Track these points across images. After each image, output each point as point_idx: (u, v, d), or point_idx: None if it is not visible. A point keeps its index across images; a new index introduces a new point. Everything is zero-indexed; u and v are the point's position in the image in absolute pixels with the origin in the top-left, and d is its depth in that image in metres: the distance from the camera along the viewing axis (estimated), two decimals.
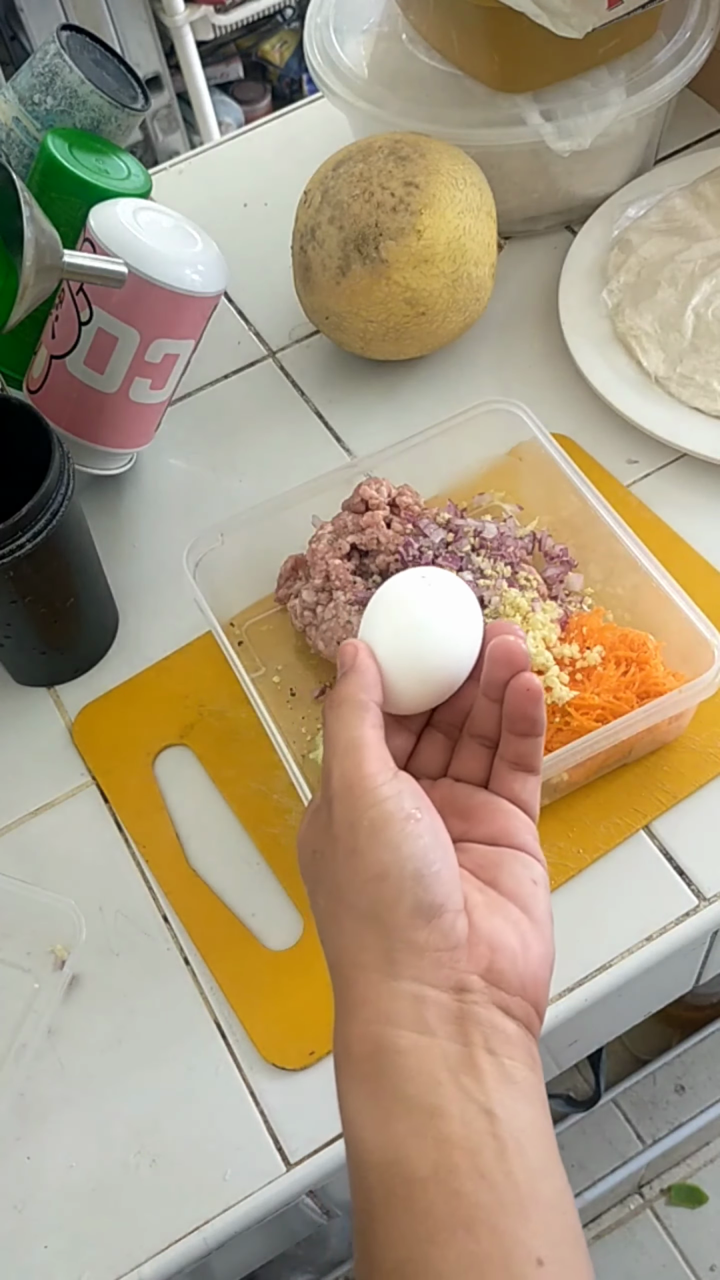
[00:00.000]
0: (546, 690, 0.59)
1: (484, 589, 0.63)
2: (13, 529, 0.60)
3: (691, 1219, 1.32)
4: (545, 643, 0.62)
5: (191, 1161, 0.57)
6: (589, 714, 0.59)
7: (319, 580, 0.66)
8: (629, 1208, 1.34)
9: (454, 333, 0.79)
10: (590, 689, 0.60)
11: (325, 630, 0.65)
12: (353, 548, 0.66)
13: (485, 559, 0.65)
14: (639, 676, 0.60)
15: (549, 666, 0.61)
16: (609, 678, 0.60)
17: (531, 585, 0.65)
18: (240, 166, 0.99)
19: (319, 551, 0.66)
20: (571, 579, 0.67)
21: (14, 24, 1.94)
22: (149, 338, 0.69)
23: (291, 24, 2.21)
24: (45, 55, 0.74)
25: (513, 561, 0.66)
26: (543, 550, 0.68)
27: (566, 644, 0.62)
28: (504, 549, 0.66)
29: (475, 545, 0.66)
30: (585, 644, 0.62)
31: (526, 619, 0.63)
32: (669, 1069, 1.39)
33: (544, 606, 0.64)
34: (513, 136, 0.79)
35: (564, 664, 0.61)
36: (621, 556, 0.64)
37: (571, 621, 0.63)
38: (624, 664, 0.61)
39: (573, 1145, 1.35)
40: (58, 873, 0.65)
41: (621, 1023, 0.87)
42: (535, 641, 0.61)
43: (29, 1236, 0.56)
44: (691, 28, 0.81)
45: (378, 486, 0.67)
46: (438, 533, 0.66)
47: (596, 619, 0.63)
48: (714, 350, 0.76)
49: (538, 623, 0.62)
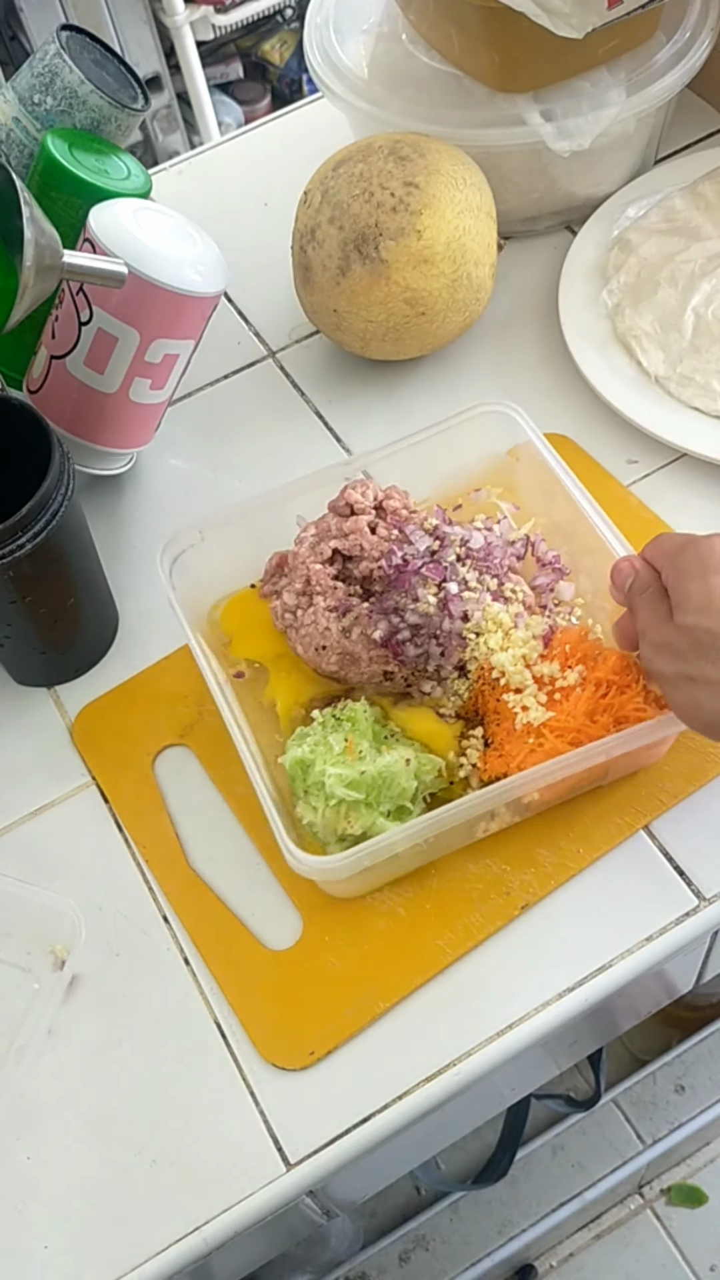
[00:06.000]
0: (523, 709, 0.59)
1: (468, 602, 0.62)
2: (13, 529, 0.60)
3: (691, 1219, 1.32)
4: (525, 660, 0.60)
5: (191, 1161, 0.57)
6: (562, 736, 0.57)
7: (299, 584, 0.64)
8: (629, 1208, 1.34)
9: (454, 333, 0.79)
10: (566, 710, 0.58)
11: (304, 635, 0.63)
12: (335, 552, 0.64)
13: (470, 570, 0.63)
14: (617, 701, 0.58)
15: (527, 685, 0.60)
16: (586, 700, 0.58)
17: (517, 598, 0.63)
18: (240, 166, 0.99)
19: (300, 555, 0.65)
20: (562, 588, 0.65)
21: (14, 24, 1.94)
22: (149, 338, 0.69)
23: (291, 24, 2.20)
24: (45, 55, 0.74)
25: (499, 573, 0.64)
26: (535, 555, 0.67)
27: (547, 661, 0.60)
28: (490, 560, 0.64)
29: (461, 555, 0.64)
30: (567, 663, 0.60)
31: (508, 635, 0.61)
32: (669, 1069, 1.39)
33: (528, 622, 0.62)
34: (513, 136, 0.79)
35: (542, 683, 0.60)
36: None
37: (555, 637, 0.62)
38: (604, 687, 0.59)
39: (573, 1145, 1.35)
40: (58, 873, 0.65)
41: (621, 1023, 0.87)
42: (514, 660, 0.60)
43: (29, 1236, 0.56)
44: (691, 28, 0.81)
45: (363, 490, 0.65)
46: (423, 540, 0.63)
47: (581, 636, 0.61)
48: (714, 350, 0.76)
49: (518, 640, 0.61)
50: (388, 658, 0.62)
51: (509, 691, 0.60)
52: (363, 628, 0.62)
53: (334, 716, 0.62)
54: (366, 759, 0.59)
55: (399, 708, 0.64)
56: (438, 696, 0.63)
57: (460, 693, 0.63)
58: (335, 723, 0.62)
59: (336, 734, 0.61)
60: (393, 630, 0.62)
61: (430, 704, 0.63)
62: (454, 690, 0.63)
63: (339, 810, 0.58)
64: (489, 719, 0.62)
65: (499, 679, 0.60)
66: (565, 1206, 1.31)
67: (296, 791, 0.61)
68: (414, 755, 0.60)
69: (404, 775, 0.59)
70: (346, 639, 0.62)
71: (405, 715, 0.63)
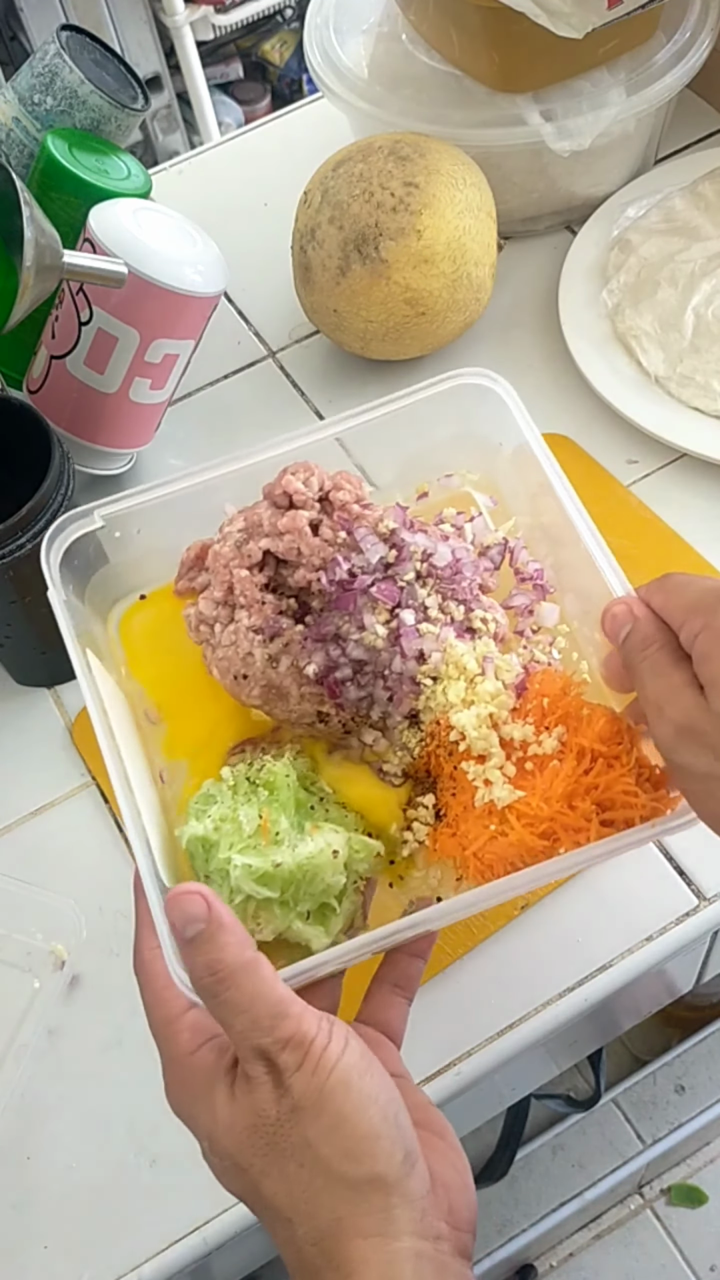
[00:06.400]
0: (485, 784, 0.48)
1: (425, 637, 0.50)
2: (13, 529, 0.60)
3: (691, 1219, 1.32)
4: (492, 720, 0.49)
5: (191, 1161, 0.56)
6: (532, 826, 0.46)
7: (219, 592, 0.52)
8: (629, 1208, 1.34)
9: (454, 333, 0.79)
10: (540, 791, 0.46)
11: (221, 658, 0.51)
12: (266, 554, 0.52)
13: (432, 594, 0.51)
14: (603, 779, 0.46)
15: (492, 753, 0.48)
16: (565, 778, 0.46)
17: (487, 630, 0.51)
18: (240, 166, 0.99)
19: (222, 555, 0.52)
20: (544, 611, 0.54)
21: (14, 24, 1.94)
22: (149, 338, 0.69)
23: (291, 24, 2.21)
24: (45, 55, 0.74)
25: (466, 598, 0.52)
26: (513, 565, 0.55)
27: (519, 720, 0.48)
28: (457, 582, 0.52)
29: (421, 572, 0.52)
30: (543, 723, 0.48)
31: (472, 685, 0.49)
32: (669, 1069, 1.39)
33: (498, 665, 0.50)
34: (513, 136, 0.79)
35: (511, 749, 0.48)
36: (605, 593, 0.49)
37: (531, 684, 0.50)
38: (587, 759, 0.47)
39: (573, 1145, 1.35)
40: (58, 873, 0.65)
41: (622, 1023, 0.87)
42: (478, 722, 0.48)
43: (29, 1236, 0.56)
44: (691, 28, 0.81)
45: (305, 476, 0.52)
46: (377, 549, 0.51)
47: (563, 690, 0.49)
48: (714, 350, 0.76)
49: (484, 694, 0.49)
50: (323, 697, 0.51)
51: (469, 759, 0.49)
52: (294, 657, 0.51)
53: (248, 779, 0.50)
54: (284, 844, 0.47)
55: (333, 759, 0.52)
56: (381, 749, 0.52)
57: (410, 747, 0.51)
58: (249, 788, 0.49)
59: (249, 806, 0.48)
60: (331, 665, 0.50)
61: (372, 758, 0.52)
62: (402, 743, 0.51)
63: (245, 909, 0.47)
64: (443, 785, 0.51)
65: (457, 742, 0.49)
66: (565, 1206, 1.31)
67: (195, 873, 0.49)
68: (344, 842, 0.48)
69: (330, 869, 0.47)
70: (273, 669, 0.51)
71: (340, 775, 0.52)
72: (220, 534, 0.54)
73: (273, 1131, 0.38)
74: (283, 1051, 0.38)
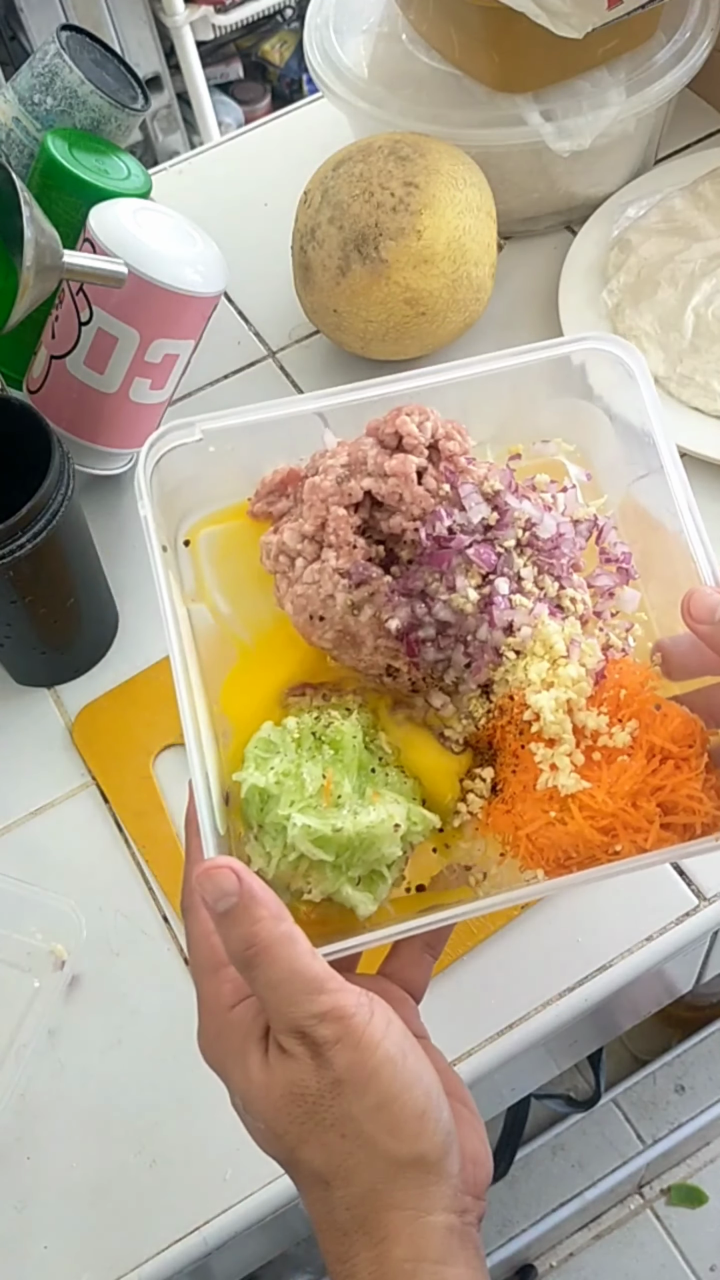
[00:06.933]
0: (552, 769, 0.46)
1: (517, 609, 0.48)
2: (13, 529, 0.60)
3: (691, 1219, 1.33)
4: (569, 706, 0.47)
5: (191, 1161, 0.57)
6: (593, 819, 0.45)
7: (310, 525, 0.49)
8: (629, 1208, 1.34)
9: (454, 333, 0.79)
10: (606, 785, 0.45)
11: (299, 594, 0.48)
12: (367, 495, 0.49)
13: (529, 565, 0.49)
14: (671, 780, 0.45)
15: (564, 739, 0.46)
16: (633, 775, 0.45)
17: (575, 610, 0.49)
18: (240, 166, 0.99)
19: (321, 488, 0.49)
20: (625, 596, 0.51)
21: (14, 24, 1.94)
22: (149, 338, 0.69)
23: (291, 24, 2.21)
24: (45, 55, 0.74)
25: (561, 574, 0.49)
26: (600, 545, 0.52)
27: (594, 708, 0.47)
28: (557, 557, 0.49)
29: (522, 541, 0.49)
30: (618, 715, 0.46)
31: (555, 666, 0.47)
32: (669, 1069, 1.39)
33: (583, 649, 0.48)
34: (513, 136, 0.79)
35: (583, 736, 0.46)
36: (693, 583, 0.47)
37: (610, 674, 0.48)
38: (657, 757, 0.45)
39: (573, 1145, 1.35)
40: (58, 873, 0.65)
41: (622, 1022, 0.87)
42: (556, 706, 0.46)
43: (29, 1236, 0.56)
44: (691, 28, 0.81)
45: (421, 420, 0.49)
46: (480, 508, 0.48)
47: (642, 682, 0.47)
48: (714, 350, 0.76)
49: (566, 678, 0.47)
50: (398, 652, 0.49)
51: (539, 740, 0.47)
52: (377, 609, 0.48)
53: (313, 734, 0.48)
54: (345, 809, 0.46)
55: (396, 717, 0.51)
56: (448, 715, 0.50)
57: (475, 716, 0.49)
58: (314, 744, 0.48)
59: (313, 763, 0.47)
60: (414, 622, 0.48)
61: (435, 721, 0.50)
62: (468, 710, 0.50)
63: (297, 866, 0.46)
64: (504, 761, 0.49)
65: (530, 722, 0.47)
66: (565, 1206, 1.32)
67: (249, 822, 0.47)
68: (406, 814, 0.47)
69: (388, 841, 0.46)
70: (353, 616, 0.48)
71: (404, 736, 0.50)
72: (315, 465, 0.50)
73: (314, 1103, 0.39)
74: (320, 1025, 0.38)
